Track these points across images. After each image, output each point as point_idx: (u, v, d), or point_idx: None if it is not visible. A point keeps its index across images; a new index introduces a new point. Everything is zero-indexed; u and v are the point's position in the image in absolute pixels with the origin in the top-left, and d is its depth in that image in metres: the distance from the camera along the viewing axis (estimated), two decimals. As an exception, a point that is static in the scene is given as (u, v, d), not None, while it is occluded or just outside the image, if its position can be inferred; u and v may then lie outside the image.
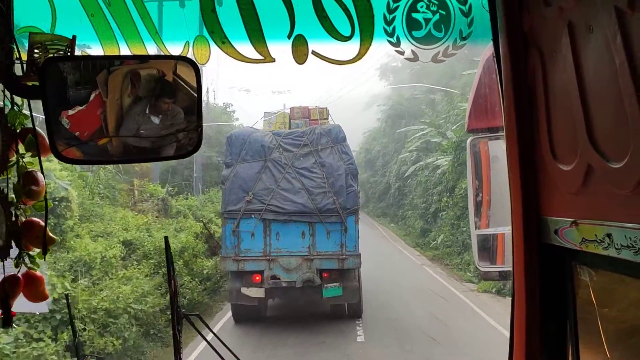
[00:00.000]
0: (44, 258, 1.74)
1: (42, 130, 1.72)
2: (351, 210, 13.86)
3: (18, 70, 1.76)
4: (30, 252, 1.74)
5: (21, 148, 1.75)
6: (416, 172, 34.11)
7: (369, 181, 51.93)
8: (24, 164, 1.74)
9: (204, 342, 3.12)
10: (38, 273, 1.76)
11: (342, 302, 14.30)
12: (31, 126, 1.74)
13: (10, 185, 1.72)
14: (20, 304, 3.59)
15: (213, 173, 29.67)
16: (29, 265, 1.75)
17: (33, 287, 1.76)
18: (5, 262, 1.69)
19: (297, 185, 13.85)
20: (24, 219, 1.73)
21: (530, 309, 2.26)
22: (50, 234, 1.74)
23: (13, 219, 1.69)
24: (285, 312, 15.88)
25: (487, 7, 2.31)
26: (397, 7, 2.42)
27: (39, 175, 1.74)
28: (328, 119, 16.16)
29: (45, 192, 1.75)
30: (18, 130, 1.74)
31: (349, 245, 13.76)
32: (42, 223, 1.73)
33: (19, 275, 1.73)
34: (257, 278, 13.64)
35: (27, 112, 1.76)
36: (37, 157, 1.73)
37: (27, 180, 1.71)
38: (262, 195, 13.77)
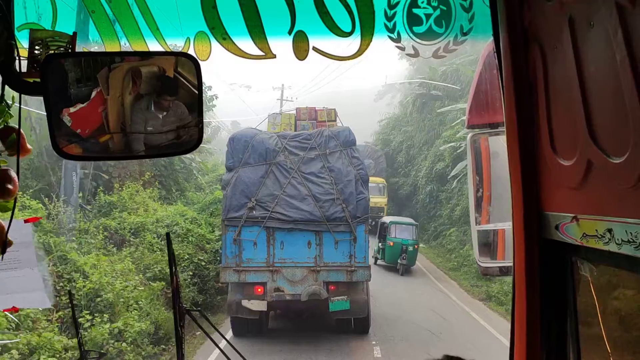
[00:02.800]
0: (2, 258, 1.73)
1: (40, 127, 1.72)
2: (361, 219, 13.02)
3: (18, 67, 1.76)
4: None
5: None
6: (465, 170, 21.08)
7: (388, 182, 38.00)
8: None
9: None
10: None
11: (350, 316, 13.35)
12: (15, 125, 1.72)
13: None
14: (23, 301, 3.60)
15: (137, 164, 20.43)
16: None
17: None
18: None
19: (303, 192, 12.99)
20: None
21: (531, 304, 2.27)
22: (9, 238, 1.73)
23: None
24: (287, 325, 14.65)
25: (487, 3, 2.30)
26: (397, 3, 2.42)
27: (14, 174, 1.73)
28: (336, 121, 15.14)
29: (16, 193, 1.74)
30: (0, 127, 1.73)
31: (359, 256, 12.91)
32: (3, 224, 1.72)
33: None
34: (259, 290, 12.79)
35: (25, 110, 1.76)
36: (13, 156, 1.71)
37: (3, 178, 1.70)
38: (266, 201, 12.91)
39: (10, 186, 1.70)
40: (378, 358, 12.66)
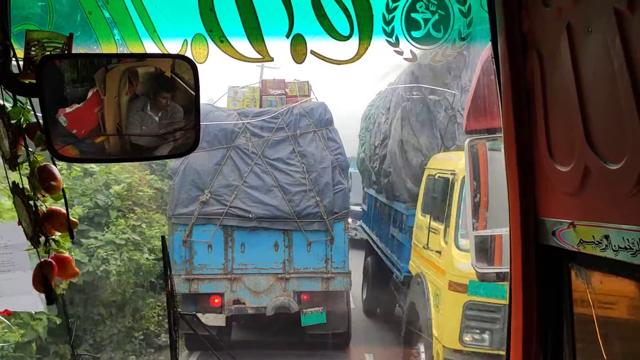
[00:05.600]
0: (72, 241, 1.88)
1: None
2: (340, 215, 10.82)
3: (15, 69, 1.76)
4: (54, 237, 1.86)
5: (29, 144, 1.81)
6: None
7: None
8: (35, 158, 1.79)
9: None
10: (66, 254, 1.89)
11: (326, 331, 10.94)
12: (35, 121, 1.77)
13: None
14: (16, 304, 3.58)
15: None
16: (58, 249, 1.86)
17: (64, 268, 1.88)
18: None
19: (268, 182, 10.70)
20: (44, 209, 1.84)
21: (527, 310, 2.26)
22: (73, 219, 1.85)
23: (33, 209, 1.79)
24: (251, 340, 12.15)
25: (486, 8, 2.31)
26: (396, 7, 2.42)
27: (54, 168, 1.80)
28: (310, 96, 12.07)
29: (62, 185, 1.84)
30: (24, 126, 1.78)
31: (336, 260, 10.74)
32: (63, 210, 1.84)
33: (50, 259, 1.85)
34: (216, 300, 10.69)
35: (29, 108, 1.80)
36: (46, 151, 1.77)
37: (45, 176, 1.78)
38: (223, 194, 10.64)
39: (54, 182, 1.78)
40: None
